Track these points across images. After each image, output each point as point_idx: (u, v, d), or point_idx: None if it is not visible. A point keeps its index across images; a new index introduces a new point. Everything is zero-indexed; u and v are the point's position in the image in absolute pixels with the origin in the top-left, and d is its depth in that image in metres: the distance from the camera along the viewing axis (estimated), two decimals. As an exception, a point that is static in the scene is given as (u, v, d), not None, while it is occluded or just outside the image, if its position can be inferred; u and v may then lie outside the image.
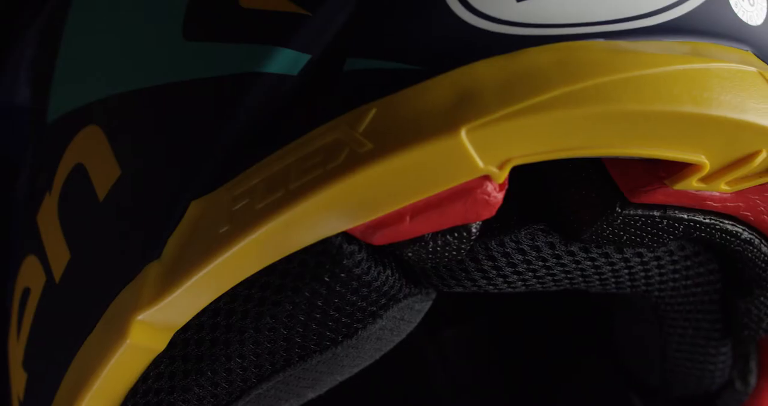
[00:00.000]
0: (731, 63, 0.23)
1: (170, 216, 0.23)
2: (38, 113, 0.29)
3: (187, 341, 0.23)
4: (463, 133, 0.21)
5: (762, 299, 0.27)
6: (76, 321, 0.24)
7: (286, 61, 0.23)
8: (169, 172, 0.23)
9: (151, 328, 0.23)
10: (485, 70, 0.22)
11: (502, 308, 0.36)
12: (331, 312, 0.23)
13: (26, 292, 0.27)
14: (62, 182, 0.26)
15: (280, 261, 0.23)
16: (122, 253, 0.24)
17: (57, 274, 0.25)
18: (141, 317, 0.23)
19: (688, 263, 0.26)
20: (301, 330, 0.23)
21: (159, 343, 0.23)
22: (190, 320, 0.23)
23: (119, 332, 0.23)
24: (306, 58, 0.23)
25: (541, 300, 0.35)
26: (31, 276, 0.27)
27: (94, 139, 0.25)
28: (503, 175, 0.22)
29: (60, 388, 0.25)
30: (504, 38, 0.22)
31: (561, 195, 0.24)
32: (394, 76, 0.22)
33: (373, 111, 0.22)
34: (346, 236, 0.22)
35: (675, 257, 0.25)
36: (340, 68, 0.23)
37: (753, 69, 0.23)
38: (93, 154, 0.25)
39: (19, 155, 0.30)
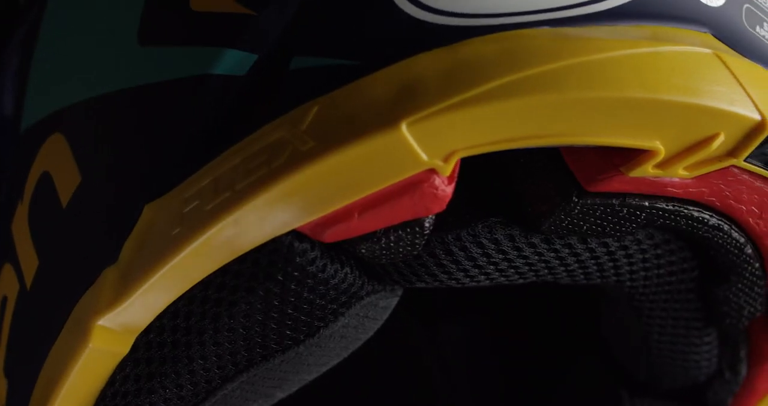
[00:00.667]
0: (685, 46, 0.23)
1: (126, 220, 0.23)
2: (17, 122, 0.29)
3: (150, 344, 0.24)
4: (403, 126, 0.21)
5: (740, 286, 0.26)
6: (45, 327, 0.25)
7: (233, 62, 0.23)
8: (125, 176, 0.24)
9: (112, 331, 0.23)
10: (427, 63, 0.22)
11: (499, 307, 0.36)
12: (289, 311, 0.23)
13: (4, 300, 0.27)
14: (31, 191, 0.26)
15: (234, 261, 0.23)
16: (84, 258, 0.24)
17: (28, 281, 0.26)
18: (101, 321, 0.23)
19: (659, 251, 0.25)
20: (260, 330, 0.23)
21: (122, 346, 0.24)
22: (152, 323, 0.23)
23: (81, 337, 0.23)
24: (253, 58, 0.23)
25: (539, 297, 0.35)
26: (7, 284, 0.27)
27: (58, 147, 0.25)
28: (449, 168, 0.22)
29: (32, 394, 0.25)
30: (447, 30, 0.22)
31: (518, 186, 0.24)
32: (338, 72, 0.22)
33: (316, 108, 0.22)
34: (296, 234, 0.22)
35: (643, 246, 0.25)
36: (286, 67, 0.23)
37: (708, 51, 0.23)
38: (57, 162, 0.25)
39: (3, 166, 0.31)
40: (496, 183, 0.24)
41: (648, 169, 0.23)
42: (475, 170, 0.24)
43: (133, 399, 0.24)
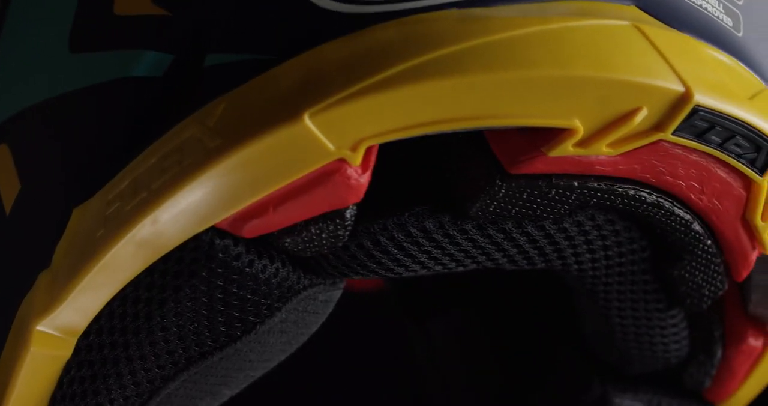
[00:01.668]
0: (603, 19, 0.22)
1: (58, 224, 0.23)
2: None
3: (91, 346, 0.24)
4: (306, 118, 0.21)
5: (694, 264, 0.26)
6: (-3, 335, 0.25)
7: (150, 63, 0.23)
8: (57, 182, 0.24)
9: (51, 335, 0.24)
10: (331, 52, 0.21)
11: (488, 300, 0.35)
12: (220, 308, 0.23)
13: None
14: (-17, 202, 0.27)
15: (160, 260, 0.23)
16: (23, 263, 0.24)
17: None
18: (39, 326, 0.23)
19: (603, 232, 0.25)
20: (193, 328, 0.23)
21: (63, 349, 0.24)
22: (90, 325, 0.24)
23: (23, 342, 0.24)
24: (169, 58, 0.23)
25: (528, 289, 0.34)
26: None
27: (2, 157, 0.26)
28: (358, 157, 0.22)
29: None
30: (352, 18, 0.22)
31: (445, 172, 0.23)
32: (247, 67, 0.22)
33: (223, 104, 0.22)
34: (217, 231, 0.22)
35: (585, 228, 0.24)
36: (201, 65, 0.23)
37: (625, 23, 0.22)
38: (2, 172, 0.26)
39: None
40: (425, 170, 0.24)
41: (568, 148, 0.22)
42: (403, 158, 0.24)
43: (80, 401, 0.24)
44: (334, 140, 0.21)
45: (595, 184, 0.23)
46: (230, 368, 0.25)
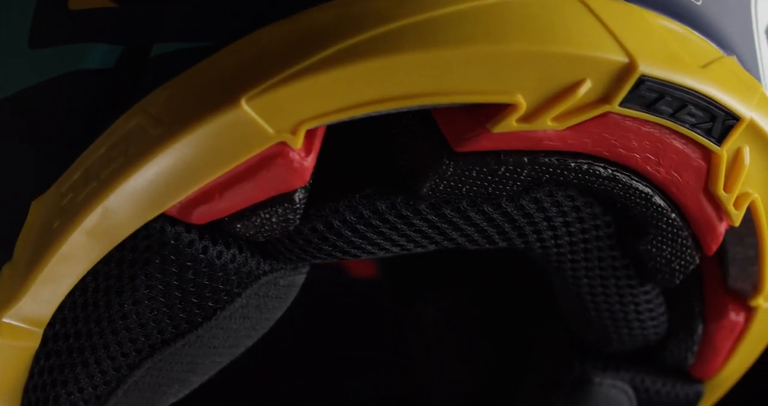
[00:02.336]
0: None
1: (17, 218, 0.24)
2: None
3: (57, 336, 0.24)
4: (243, 102, 0.21)
5: (660, 238, 0.25)
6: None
7: (101, 55, 0.23)
8: (17, 176, 0.24)
9: (17, 327, 0.24)
10: (269, 36, 0.22)
11: (478, 281, 0.35)
12: (177, 294, 0.23)
13: None
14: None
15: (115, 249, 0.23)
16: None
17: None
18: (4, 318, 0.24)
19: (563, 209, 0.24)
20: (153, 315, 0.24)
21: (30, 340, 0.24)
22: (54, 315, 0.24)
23: (-9, 334, 0.24)
24: (118, 49, 0.23)
25: (518, 270, 0.34)
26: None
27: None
28: (299, 140, 0.22)
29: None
30: (291, 1, 0.22)
31: (394, 153, 0.23)
32: (191, 54, 0.22)
33: (166, 92, 0.22)
34: (169, 218, 0.23)
35: (544, 205, 0.24)
36: (148, 54, 0.23)
37: (566, -5, 0.22)
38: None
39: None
40: (377, 151, 0.24)
41: (512, 124, 0.22)
42: (355, 139, 0.24)
43: (50, 390, 0.25)
44: (273, 124, 0.21)
45: (546, 160, 0.23)
46: (195, 355, 0.25)
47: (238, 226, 0.23)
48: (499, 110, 0.22)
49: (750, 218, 0.26)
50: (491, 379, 0.34)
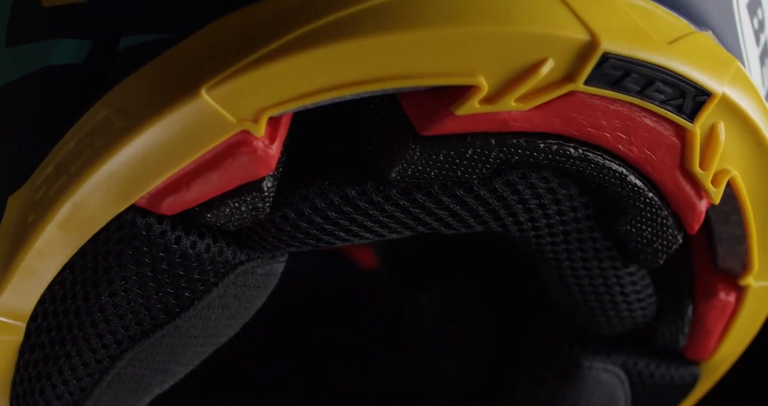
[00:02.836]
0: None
1: (-3, 214, 0.24)
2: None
3: (39, 329, 0.25)
4: (203, 92, 0.21)
5: (639, 218, 0.25)
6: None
7: (71, 51, 0.24)
8: (-4, 172, 0.25)
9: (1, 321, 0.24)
10: (229, 24, 0.22)
11: (477, 268, 0.35)
12: (152, 285, 0.24)
13: None
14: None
15: (89, 242, 0.23)
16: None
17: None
18: (-13, 313, 0.24)
19: (538, 191, 0.24)
20: (129, 307, 0.24)
21: (14, 334, 0.25)
22: (36, 309, 0.24)
23: (-26, 329, 0.25)
24: (88, 44, 0.24)
25: (516, 257, 0.34)
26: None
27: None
28: (261, 128, 0.22)
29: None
30: (251, -10, 0.22)
31: (362, 139, 0.23)
32: (156, 46, 0.22)
33: (130, 85, 0.22)
34: (139, 210, 0.23)
35: (518, 187, 0.24)
36: (116, 48, 0.23)
37: (524, -27, 0.22)
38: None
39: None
40: (346, 138, 0.24)
41: (475, 106, 0.22)
42: (324, 126, 0.24)
43: (36, 383, 0.25)
44: (234, 113, 0.21)
45: (514, 141, 0.23)
46: (175, 345, 0.25)
47: (208, 215, 0.23)
48: (463, 92, 0.22)
49: (732, 195, 0.26)
50: (491, 367, 0.34)
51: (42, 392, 0.25)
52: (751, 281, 0.28)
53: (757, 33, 0.27)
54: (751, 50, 0.27)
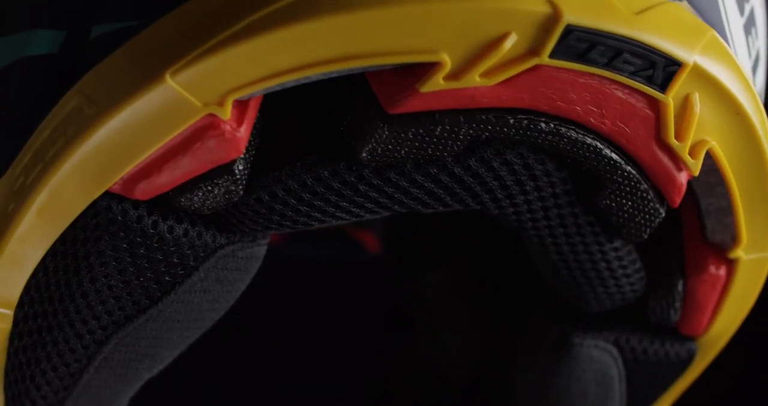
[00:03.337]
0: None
1: (-19, 203, 0.25)
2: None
3: (27, 316, 0.25)
4: (168, 77, 0.21)
5: (618, 192, 0.25)
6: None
7: (47, 41, 0.24)
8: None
9: (-14, 310, 0.25)
10: (192, 9, 0.22)
11: (480, 248, 0.35)
12: (132, 270, 0.24)
13: None
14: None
15: (68, 229, 0.24)
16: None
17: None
18: (-25, 301, 0.25)
19: (514, 167, 0.24)
20: (111, 292, 0.24)
21: (3, 322, 0.25)
22: (22, 296, 0.25)
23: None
24: (62, 34, 0.24)
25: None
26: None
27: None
28: (227, 111, 0.22)
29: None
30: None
31: (334, 120, 0.23)
32: (123, 34, 0.23)
33: (98, 72, 0.22)
34: (115, 196, 0.23)
35: (493, 165, 0.24)
36: (88, 37, 0.23)
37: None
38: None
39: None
40: (319, 119, 0.24)
41: (439, 82, 0.22)
42: (297, 108, 0.24)
43: (27, 369, 0.25)
44: (199, 97, 0.22)
45: (483, 117, 0.23)
46: (160, 330, 0.25)
47: (182, 200, 0.23)
48: (427, 70, 0.22)
49: (716, 166, 0.25)
50: (497, 347, 0.34)
51: (33, 378, 0.26)
52: (741, 253, 0.27)
53: (741, 2, 0.27)
54: (733, 20, 0.27)
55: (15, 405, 0.26)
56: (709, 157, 0.25)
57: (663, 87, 0.23)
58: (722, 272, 0.28)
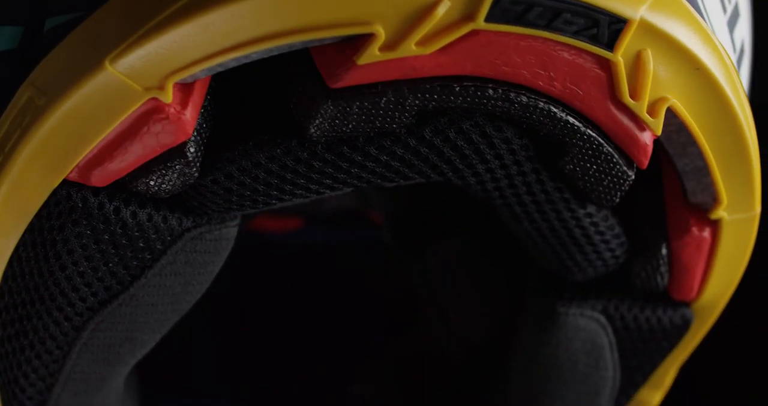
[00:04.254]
0: None
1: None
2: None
3: (7, 306, 0.25)
4: (107, 64, 0.22)
5: (580, 156, 0.24)
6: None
7: (8, 37, 0.25)
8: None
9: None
10: (128, -3, 0.22)
11: (483, 224, 0.35)
12: (98, 256, 0.24)
13: None
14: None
15: (35, 218, 0.24)
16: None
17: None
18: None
19: (471, 137, 0.24)
20: (82, 279, 0.25)
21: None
22: (2, 287, 0.25)
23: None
24: (20, 30, 0.24)
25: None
26: None
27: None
28: (168, 94, 0.22)
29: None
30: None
31: (285, 98, 0.23)
32: (70, 25, 0.23)
33: (47, 63, 0.23)
34: (75, 184, 0.24)
35: (449, 135, 0.23)
36: (42, 31, 0.24)
37: None
38: None
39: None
40: (271, 98, 0.24)
41: (375, 53, 0.22)
42: (250, 89, 0.24)
43: (13, 358, 0.26)
44: (139, 81, 0.22)
45: (428, 86, 0.22)
46: (135, 314, 0.26)
47: (138, 184, 0.23)
48: (363, 42, 0.22)
49: (683, 125, 0.25)
50: (504, 321, 0.33)
51: (19, 366, 0.26)
52: (723, 214, 0.26)
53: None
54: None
55: (6, 393, 0.27)
56: (676, 116, 0.25)
57: (610, 46, 0.22)
58: (706, 233, 0.27)
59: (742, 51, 0.28)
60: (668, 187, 0.27)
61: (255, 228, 0.40)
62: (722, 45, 0.25)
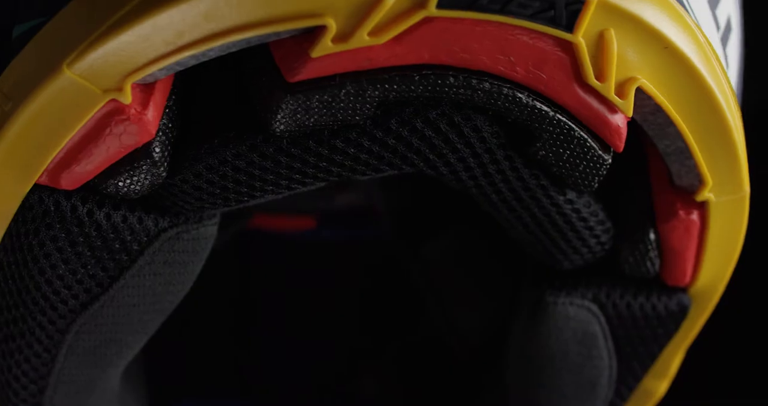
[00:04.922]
0: None
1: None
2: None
3: None
4: (65, 68, 0.22)
5: (551, 141, 0.24)
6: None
7: (-19, 45, 0.25)
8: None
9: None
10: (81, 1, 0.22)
11: (481, 216, 0.34)
12: (74, 258, 0.24)
13: None
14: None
15: (12, 223, 0.24)
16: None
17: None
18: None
19: (440, 127, 0.23)
20: (61, 282, 0.25)
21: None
22: None
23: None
24: (-8, 38, 0.25)
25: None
26: None
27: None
28: (127, 95, 0.22)
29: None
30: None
31: (245, 95, 0.23)
32: (34, 30, 0.23)
33: (12, 69, 0.23)
34: (48, 188, 0.24)
35: (416, 125, 0.23)
36: (10, 37, 0.24)
37: None
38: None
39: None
40: (236, 96, 0.24)
41: (328, 45, 0.21)
42: (217, 88, 0.24)
43: (3, 362, 0.26)
44: (98, 84, 0.22)
45: (386, 76, 0.22)
46: (117, 315, 0.26)
47: (107, 186, 0.24)
48: (316, 35, 0.22)
49: (658, 106, 0.24)
50: (505, 314, 0.33)
51: (10, 369, 0.27)
52: (709, 195, 0.26)
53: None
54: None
55: (1, 397, 0.27)
56: (650, 97, 0.24)
57: (569, 27, 0.22)
58: (695, 216, 0.26)
59: (728, 28, 0.27)
60: (654, 171, 0.26)
61: (268, 228, 0.40)
62: (696, 23, 0.24)
